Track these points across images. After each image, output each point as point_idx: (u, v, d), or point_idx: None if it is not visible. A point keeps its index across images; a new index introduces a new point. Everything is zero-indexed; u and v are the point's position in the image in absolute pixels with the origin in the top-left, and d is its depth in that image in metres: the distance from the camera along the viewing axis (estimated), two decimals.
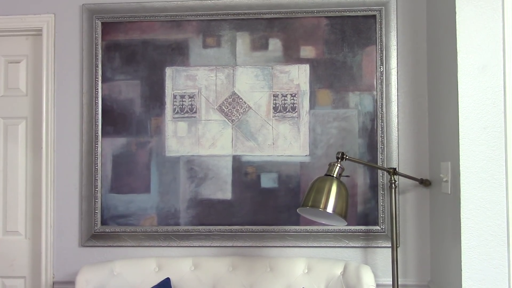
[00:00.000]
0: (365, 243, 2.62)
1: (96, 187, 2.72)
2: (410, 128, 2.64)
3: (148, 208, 2.71)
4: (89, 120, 2.74)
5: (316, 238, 2.63)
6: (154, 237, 2.69)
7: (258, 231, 2.66)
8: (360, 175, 2.64)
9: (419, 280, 2.60)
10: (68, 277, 2.69)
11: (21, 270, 2.80)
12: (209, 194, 2.69)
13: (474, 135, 2.09)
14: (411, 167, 2.62)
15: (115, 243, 2.71)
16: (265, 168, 2.68)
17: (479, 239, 2.06)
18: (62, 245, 2.75)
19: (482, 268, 2.05)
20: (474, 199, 2.07)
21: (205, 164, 2.70)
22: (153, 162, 2.71)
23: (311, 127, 2.67)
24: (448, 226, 2.26)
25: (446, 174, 2.25)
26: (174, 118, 2.72)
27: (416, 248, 2.62)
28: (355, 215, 2.63)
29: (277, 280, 2.49)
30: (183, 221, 2.69)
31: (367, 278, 2.35)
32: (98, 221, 2.72)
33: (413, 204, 2.62)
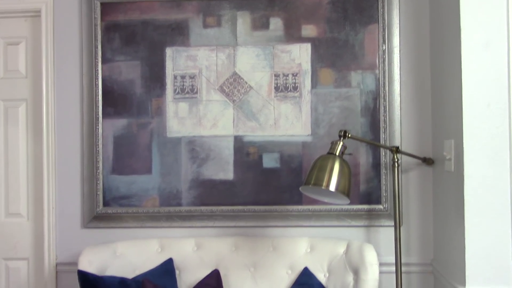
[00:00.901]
0: (368, 222, 2.62)
1: (98, 168, 2.71)
2: (413, 107, 2.62)
3: (150, 189, 2.70)
4: (89, 101, 2.73)
5: (318, 217, 2.63)
6: (156, 218, 2.69)
7: (261, 211, 2.65)
8: (362, 154, 2.62)
9: (422, 258, 2.60)
10: (71, 258, 2.69)
11: (24, 252, 2.80)
12: (211, 175, 2.68)
13: (477, 112, 2.07)
14: (414, 146, 2.61)
15: (117, 224, 2.71)
16: (267, 148, 2.66)
17: (482, 217, 2.05)
18: (64, 226, 2.75)
19: (485, 245, 2.05)
20: (477, 176, 2.06)
21: (207, 144, 2.69)
22: (154, 143, 2.70)
23: (313, 107, 2.65)
24: (451, 204, 2.26)
25: (449, 152, 2.24)
26: (175, 98, 2.70)
27: (419, 227, 2.61)
28: (358, 194, 2.62)
29: (280, 260, 2.49)
30: (185, 202, 2.69)
31: (370, 256, 2.35)
32: (100, 202, 2.71)
33: (416, 183, 2.61)
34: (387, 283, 2.55)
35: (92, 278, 2.25)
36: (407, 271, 2.57)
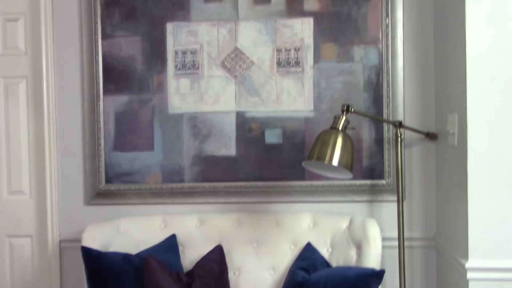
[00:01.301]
0: (371, 198, 2.62)
1: (100, 145, 2.70)
2: (416, 81, 2.60)
3: (152, 166, 2.70)
4: (90, 78, 2.71)
5: (321, 193, 2.63)
6: (159, 194, 2.69)
7: (263, 187, 2.65)
8: (365, 130, 2.61)
9: (425, 233, 2.61)
10: (74, 235, 2.70)
11: (28, 229, 2.81)
12: (213, 151, 2.68)
13: (481, 85, 2.05)
14: (417, 121, 2.59)
15: (120, 201, 2.71)
16: (269, 124, 2.65)
17: (485, 191, 2.05)
18: (67, 203, 2.76)
19: (488, 220, 2.05)
20: (481, 151, 2.05)
21: (209, 120, 2.67)
22: (156, 119, 2.69)
23: (316, 82, 2.63)
24: (454, 178, 2.25)
25: (452, 126, 2.23)
26: (176, 74, 2.68)
27: (422, 202, 2.61)
28: (361, 169, 2.62)
29: (283, 235, 2.50)
30: (187, 178, 2.69)
31: (373, 231, 2.36)
32: (103, 179, 2.71)
33: (419, 158, 2.61)
34: (390, 258, 2.56)
35: (95, 254, 2.27)
36: (409, 245, 2.58)
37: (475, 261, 2.05)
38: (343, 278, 2.12)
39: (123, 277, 2.24)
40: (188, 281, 2.27)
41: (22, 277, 2.81)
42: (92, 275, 2.24)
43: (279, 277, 2.43)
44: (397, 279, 2.41)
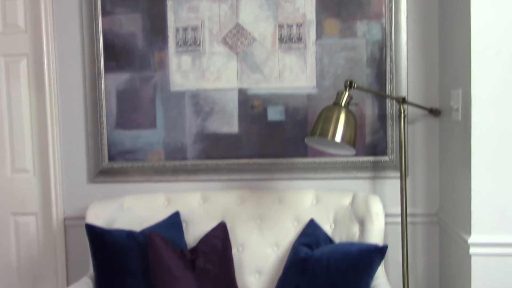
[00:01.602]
0: (374, 174, 2.61)
1: (102, 123, 2.70)
2: (420, 57, 2.57)
3: (154, 143, 2.70)
4: (90, 55, 2.69)
5: (324, 170, 2.63)
6: (162, 172, 2.70)
7: (266, 164, 2.65)
8: (368, 106, 2.59)
9: (428, 209, 2.61)
10: (79, 212, 2.72)
11: (32, 207, 2.83)
12: (215, 128, 2.67)
13: (486, 60, 2.03)
14: (421, 97, 2.57)
15: (123, 178, 2.72)
16: (271, 101, 2.64)
17: (489, 166, 2.04)
18: (71, 181, 2.77)
19: (492, 195, 2.04)
20: (485, 125, 2.04)
21: (211, 98, 2.66)
22: (158, 97, 2.68)
23: (318, 58, 2.60)
24: (457, 154, 2.24)
25: (456, 101, 2.21)
26: (177, 51, 2.66)
27: (425, 178, 2.61)
28: (364, 146, 2.61)
29: (286, 212, 2.50)
30: (190, 156, 2.68)
31: (376, 207, 2.36)
32: (105, 157, 2.72)
33: (422, 134, 2.59)
34: (393, 234, 2.57)
35: (100, 231, 2.28)
36: (412, 221, 2.58)
37: (478, 236, 2.05)
38: (346, 254, 2.13)
39: (127, 254, 2.26)
40: (192, 257, 2.29)
41: (28, 255, 2.83)
42: (97, 252, 2.26)
43: (282, 253, 2.44)
44: (399, 255, 2.42)
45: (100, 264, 2.25)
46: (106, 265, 2.24)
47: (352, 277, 2.07)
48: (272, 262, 2.45)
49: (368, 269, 2.08)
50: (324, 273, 2.12)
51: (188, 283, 2.18)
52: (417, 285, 2.63)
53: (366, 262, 2.08)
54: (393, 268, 2.59)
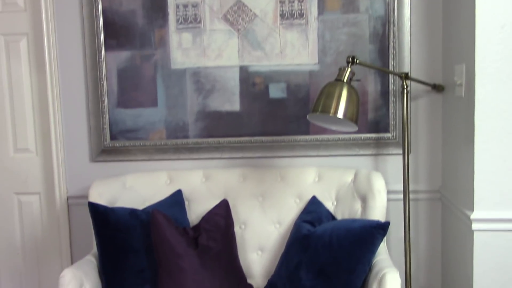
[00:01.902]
0: (376, 151, 2.60)
1: (103, 102, 2.69)
2: (423, 32, 2.54)
3: (156, 122, 2.69)
4: (91, 33, 2.67)
5: (326, 147, 2.62)
6: (164, 150, 2.69)
7: (268, 142, 2.64)
8: (371, 82, 2.57)
9: (430, 186, 2.61)
10: (81, 191, 2.72)
11: (35, 186, 2.83)
12: (217, 106, 2.65)
13: (491, 34, 2.00)
14: (424, 73, 2.55)
15: (125, 157, 2.72)
16: (273, 78, 2.61)
17: (492, 142, 2.03)
18: (73, 161, 2.77)
19: (494, 170, 2.03)
20: (488, 101, 2.02)
21: (212, 75, 2.64)
22: (159, 75, 2.66)
23: (320, 34, 2.57)
24: (461, 130, 2.23)
25: (460, 77, 2.19)
26: (178, 29, 2.63)
27: (428, 155, 2.60)
28: (366, 123, 2.59)
29: (288, 189, 2.50)
30: (192, 134, 2.68)
31: (378, 184, 2.35)
32: (107, 136, 2.71)
33: (425, 110, 2.57)
34: (395, 211, 2.57)
35: (102, 210, 2.28)
36: (415, 198, 2.58)
37: (481, 212, 2.05)
38: (348, 230, 2.13)
39: (130, 232, 2.26)
40: (194, 235, 2.29)
41: (32, 234, 2.85)
42: (100, 230, 2.27)
43: (285, 231, 2.45)
44: (402, 231, 2.42)
45: (103, 242, 2.26)
46: (109, 243, 2.25)
47: (354, 254, 2.07)
48: (275, 239, 2.46)
49: (370, 246, 2.08)
50: (326, 250, 2.12)
51: (190, 260, 2.19)
52: (419, 262, 2.64)
53: (368, 238, 2.08)
54: (395, 244, 2.59)
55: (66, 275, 2.08)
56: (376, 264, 2.14)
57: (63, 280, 2.07)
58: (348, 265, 2.07)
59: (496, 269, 2.06)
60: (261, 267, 2.45)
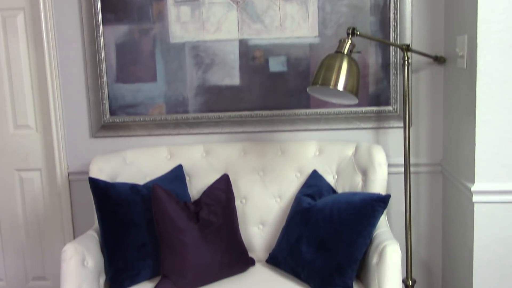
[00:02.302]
0: (377, 124, 2.59)
1: (102, 77, 2.67)
2: (425, 3, 2.50)
3: (155, 97, 2.67)
4: (88, 7, 2.63)
5: (327, 121, 2.60)
6: (164, 125, 2.68)
7: (268, 116, 2.63)
8: (372, 55, 2.54)
9: (431, 159, 2.60)
10: (82, 167, 2.73)
11: (36, 163, 2.83)
12: (216, 81, 2.63)
13: (493, 4, 1.97)
14: (425, 44, 2.51)
15: (125, 132, 2.71)
16: (273, 52, 2.59)
17: (494, 113, 2.01)
18: (73, 137, 2.76)
19: (496, 142, 2.02)
20: (490, 72, 2.00)
21: (211, 49, 2.61)
22: (158, 49, 2.63)
23: (320, 6, 2.54)
24: (462, 102, 2.21)
25: (462, 48, 2.16)
26: (176, 2, 2.60)
27: (429, 128, 2.58)
28: (367, 96, 2.57)
29: (289, 163, 2.50)
30: (192, 109, 2.66)
31: (379, 157, 2.34)
32: (107, 111, 2.70)
33: (426, 83, 2.55)
34: (396, 184, 2.57)
35: (103, 185, 2.28)
36: (416, 171, 2.58)
37: (482, 184, 2.05)
38: (349, 203, 2.13)
39: (131, 207, 2.27)
40: (195, 209, 2.30)
41: (34, 210, 2.86)
42: (101, 205, 2.27)
43: (286, 205, 2.45)
44: (402, 205, 2.42)
45: (104, 217, 2.26)
46: (111, 218, 2.26)
47: (354, 227, 2.08)
48: (276, 213, 2.46)
49: (371, 219, 2.08)
50: (327, 223, 2.13)
51: (191, 234, 2.20)
52: (420, 234, 2.65)
53: (369, 211, 2.08)
54: (396, 218, 2.60)
55: (68, 249, 2.09)
56: (376, 236, 2.15)
57: (65, 255, 2.08)
58: (348, 238, 2.07)
59: (497, 241, 2.06)
60: (262, 241, 2.47)
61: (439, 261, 2.65)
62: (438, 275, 2.65)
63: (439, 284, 2.66)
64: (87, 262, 2.14)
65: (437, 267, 2.65)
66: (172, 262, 2.19)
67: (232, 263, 2.29)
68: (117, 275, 2.22)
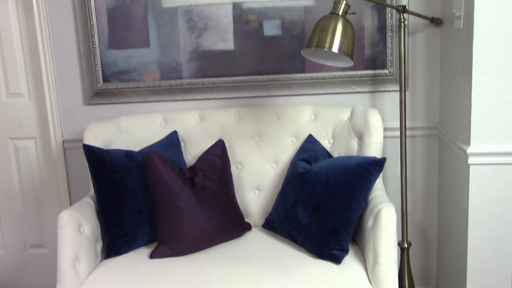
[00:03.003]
0: (373, 88, 2.57)
1: (94, 43, 2.62)
2: None
3: (149, 63, 2.64)
4: None
5: (322, 85, 2.58)
6: (158, 92, 2.66)
7: (263, 81, 2.60)
8: (367, 17, 2.50)
9: (427, 122, 2.59)
10: (77, 135, 2.71)
11: (30, 131, 2.82)
12: (210, 45, 2.60)
13: None
14: (422, 6, 2.47)
15: (119, 99, 2.68)
16: (267, 15, 2.54)
17: (490, 74, 1.99)
18: (67, 104, 2.73)
19: (492, 103, 2.01)
20: (487, 32, 1.96)
21: (204, 13, 2.56)
22: (150, 14, 2.58)
23: None
24: (459, 64, 2.18)
25: (459, 8, 2.12)
26: None
27: (425, 91, 2.56)
28: (363, 59, 2.54)
29: (284, 128, 2.49)
30: (186, 74, 2.63)
31: (374, 121, 2.33)
32: (100, 78, 2.67)
33: (423, 45, 2.52)
34: (392, 148, 2.57)
35: (98, 152, 2.27)
36: (412, 135, 2.57)
37: (477, 146, 2.04)
38: (344, 167, 2.13)
39: (126, 173, 2.26)
40: (190, 175, 2.29)
41: (30, 178, 2.86)
42: (96, 172, 2.26)
43: (281, 170, 2.45)
44: (398, 169, 2.42)
45: (100, 184, 2.26)
46: (106, 184, 2.25)
47: (350, 190, 2.08)
48: (271, 178, 2.47)
49: (366, 182, 2.08)
50: (323, 187, 2.13)
51: (187, 200, 2.20)
52: (415, 198, 2.66)
53: (364, 174, 2.08)
54: (392, 182, 2.60)
55: (64, 216, 2.09)
56: (372, 200, 2.15)
57: (61, 222, 2.08)
58: (344, 201, 2.08)
59: (491, 203, 2.07)
60: (258, 206, 2.47)
61: (435, 224, 2.66)
62: (434, 238, 2.67)
63: (434, 247, 2.68)
64: (83, 228, 2.15)
65: (432, 230, 2.67)
66: (168, 227, 2.20)
67: (228, 228, 2.30)
68: (114, 241, 2.23)
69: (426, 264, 2.71)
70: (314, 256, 2.10)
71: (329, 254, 2.05)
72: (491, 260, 2.10)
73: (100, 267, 2.14)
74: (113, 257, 2.21)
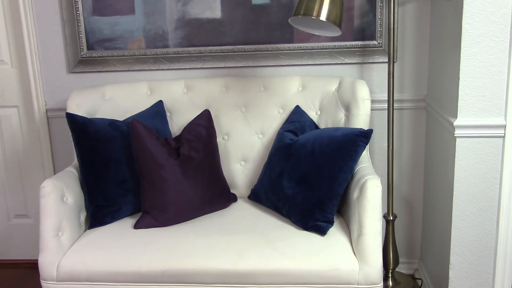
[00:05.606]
0: (361, 59, 2.54)
1: (77, 9, 2.56)
2: None
3: (134, 31, 2.58)
4: None
5: (310, 55, 2.54)
6: (144, 60, 2.61)
7: (251, 51, 2.56)
8: None
9: (416, 94, 2.57)
10: (60, 104, 2.66)
11: (13, 99, 2.76)
12: (197, 13, 2.54)
13: None
14: None
15: (104, 68, 2.63)
16: None
17: (479, 46, 1.97)
18: (50, 72, 2.68)
19: (480, 76, 1.99)
20: (477, 3, 1.93)
21: None
22: None
23: None
24: (448, 36, 2.16)
25: None
26: None
27: (414, 63, 2.54)
28: (352, 30, 2.50)
29: (271, 99, 2.46)
30: (172, 43, 2.58)
31: (362, 92, 2.31)
32: (84, 46, 2.61)
33: (413, 16, 2.48)
34: (380, 120, 2.55)
35: (81, 120, 2.23)
36: (399, 107, 2.55)
37: (464, 119, 2.03)
38: (330, 138, 2.11)
39: (110, 142, 2.23)
40: (176, 145, 2.27)
41: (13, 147, 2.82)
42: (79, 141, 2.23)
43: (268, 141, 2.43)
44: (385, 141, 2.41)
45: (83, 153, 2.22)
46: (90, 154, 2.22)
47: (336, 161, 2.06)
48: (258, 150, 2.45)
49: (353, 153, 2.07)
50: (309, 158, 2.12)
51: (172, 170, 2.18)
52: (402, 171, 2.66)
53: (351, 146, 2.06)
54: (379, 154, 2.60)
55: (47, 185, 2.06)
56: (358, 171, 2.15)
57: (43, 191, 2.05)
58: (330, 173, 2.07)
59: (477, 175, 2.07)
60: (244, 177, 2.46)
61: (420, 196, 2.67)
62: (419, 210, 2.69)
63: (419, 219, 2.70)
64: (66, 198, 2.13)
65: (418, 202, 2.68)
66: (153, 198, 2.18)
67: (213, 199, 2.29)
68: (98, 211, 2.21)
69: (411, 236, 2.73)
70: (299, 228, 2.10)
71: (314, 226, 2.05)
72: (474, 233, 2.11)
73: (84, 237, 2.13)
74: (97, 227, 2.20)
